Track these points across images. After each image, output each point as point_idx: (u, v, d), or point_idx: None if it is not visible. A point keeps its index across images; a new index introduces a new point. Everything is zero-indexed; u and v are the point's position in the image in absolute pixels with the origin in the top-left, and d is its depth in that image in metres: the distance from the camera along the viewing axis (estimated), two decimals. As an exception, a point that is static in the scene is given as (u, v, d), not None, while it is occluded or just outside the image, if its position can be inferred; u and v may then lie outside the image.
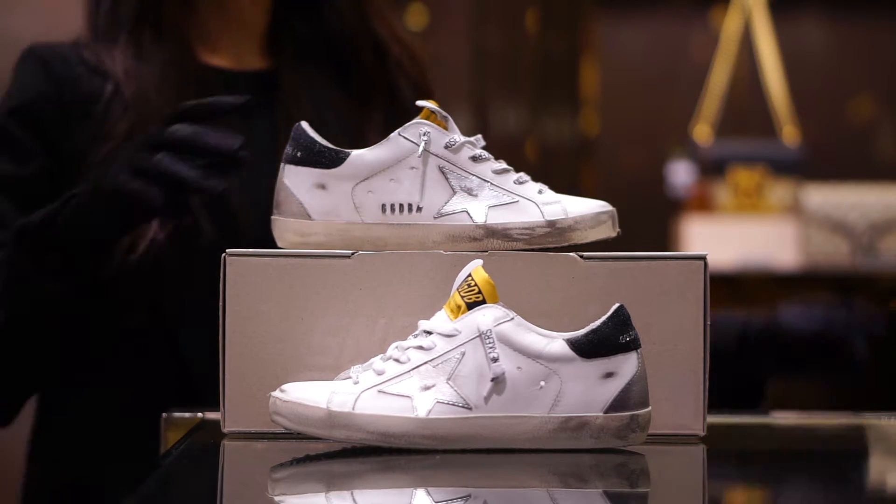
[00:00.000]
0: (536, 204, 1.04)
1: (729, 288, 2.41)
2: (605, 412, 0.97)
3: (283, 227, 1.05)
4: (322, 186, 1.04)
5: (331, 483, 0.93)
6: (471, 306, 0.97)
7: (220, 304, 1.04)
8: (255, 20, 1.41)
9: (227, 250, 1.05)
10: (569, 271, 1.04)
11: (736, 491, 0.98)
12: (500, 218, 1.03)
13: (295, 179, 1.05)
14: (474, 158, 1.04)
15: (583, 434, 0.97)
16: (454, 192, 1.04)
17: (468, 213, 1.03)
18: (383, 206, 1.04)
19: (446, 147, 1.04)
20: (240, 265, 1.04)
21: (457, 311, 0.97)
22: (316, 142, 1.05)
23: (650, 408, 0.99)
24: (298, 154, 1.05)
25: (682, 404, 1.04)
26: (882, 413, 1.24)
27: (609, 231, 1.05)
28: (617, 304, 0.98)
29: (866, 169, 2.96)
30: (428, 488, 0.90)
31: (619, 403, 0.97)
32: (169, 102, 1.28)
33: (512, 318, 0.96)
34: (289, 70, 1.41)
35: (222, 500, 0.90)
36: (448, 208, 1.04)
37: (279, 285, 1.04)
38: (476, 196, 1.04)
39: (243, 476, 0.98)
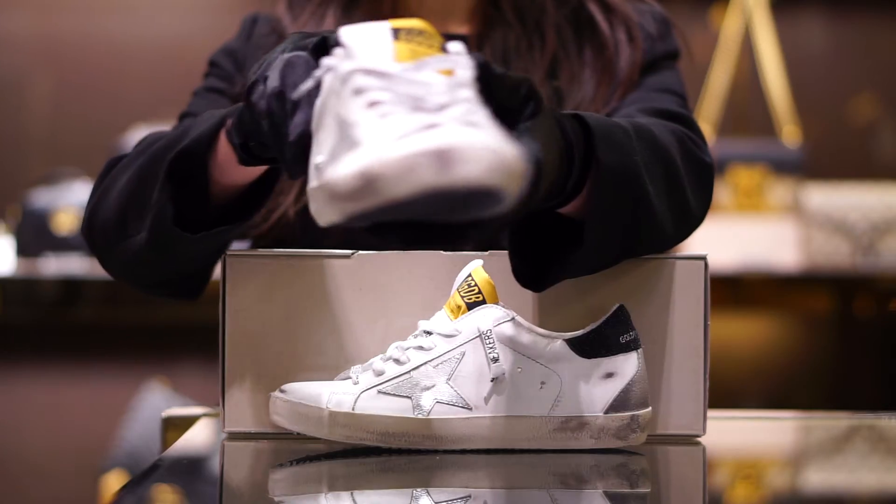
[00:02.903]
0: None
1: (729, 288, 2.40)
2: (606, 412, 0.97)
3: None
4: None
5: (331, 483, 0.93)
6: (471, 306, 0.97)
7: (220, 304, 1.04)
8: None
9: (228, 250, 1.05)
10: (569, 271, 1.04)
11: (736, 491, 0.98)
12: None
13: None
14: None
15: (583, 434, 0.97)
16: (332, 144, 0.85)
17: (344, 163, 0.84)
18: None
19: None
20: (240, 265, 1.04)
21: (457, 311, 0.97)
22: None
23: (650, 408, 0.99)
24: None
25: (682, 404, 1.04)
26: (882, 413, 1.24)
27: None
28: (617, 304, 0.98)
29: (867, 169, 2.96)
30: (428, 489, 0.90)
31: (619, 404, 0.97)
32: None
33: (512, 319, 0.96)
34: (486, 35, 1.33)
35: (222, 500, 0.90)
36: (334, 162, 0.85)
37: (279, 285, 1.04)
38: None
39: (243, 476, 0.98)
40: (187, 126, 1.09)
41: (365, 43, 0.85)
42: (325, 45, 0.91)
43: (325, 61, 0.87)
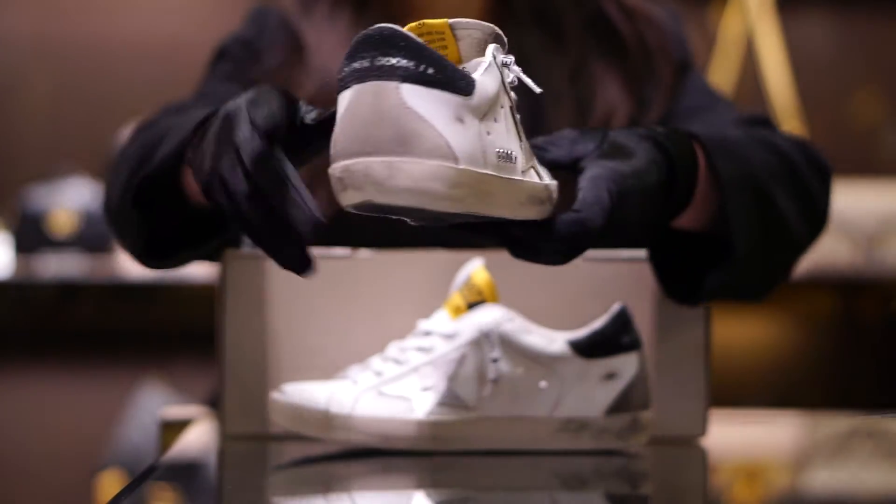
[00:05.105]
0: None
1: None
2: (607, 413, 0.96)
3: (424, 172, 0.75)
4: (460, 120, 0.77)
5: (330, 485, 0.93)
6: (471, 306, 0.96)
7: (221, 304, 1.04)
8: None
9: (228, 250, 1.04)
10: (569, 271, 1.04)
11: (737, 492, 0.97)
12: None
13: (429, 106, 0.75)
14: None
15: (584, 435, 0.96)
16: (521, 142, 0.82)
17: (535, 171, 0.83)
18: (498, 153, 0.79)
19: (510, 84, 0.82)
20: (240, 265, 1.04)
21: (457, 311, 0.97)
22: (444, 57, 0.76)
23: (651, 409, 0.99)
24: (429, 70, 0.76)
25: (683, 405, 1.04)
26: (885, 413, 1.23)
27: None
28: (618, 305, 0.97)
29: (872, 168, 2.95)
30: (427, 490, 0.90)
31: (620, 404, 0.96)
32: None
33: (512, 319, 0.96)
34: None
35: (222, 500, 0.90)
36: (526, 163, 0.82)
37: (279, 285, 1.04)
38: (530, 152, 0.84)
39: (243, 477, 0.98)
40: (173, 125, 1.05)
41: None
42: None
43: (496, 54, 0.81)
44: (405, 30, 0.78)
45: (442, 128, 0.75)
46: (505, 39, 0.82)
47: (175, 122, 1.05)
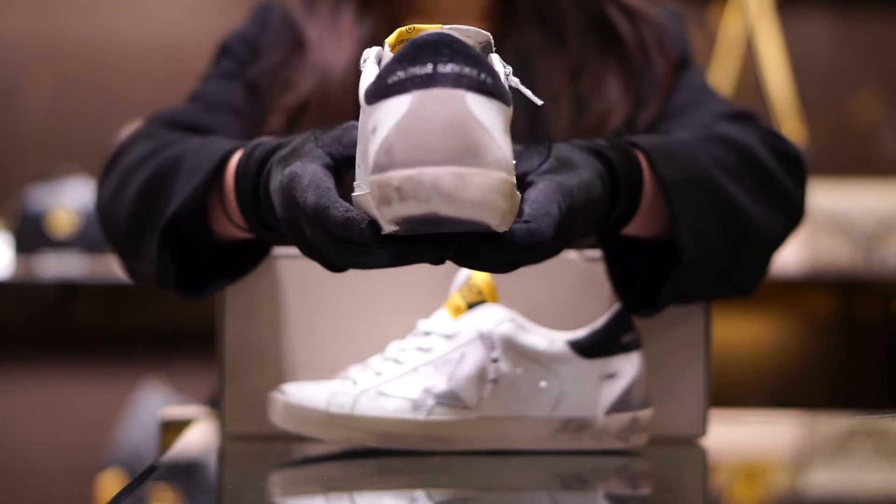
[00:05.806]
0: None
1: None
2: (607, 413, 0.96)
3: (490, 185, 0.72)
4: (506, 131, 0.74)
5: (330, 484, 0.93)
6: (471, 306, 0.96)
7: (221, 304, 1.04)
8: None
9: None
10: (569, 271, 1.04)
11: (737, 493, 0.97)
12: None
13: (489, 116, 0.73)
14: None
15: (584, 435, 0.96)
16: None
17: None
18: (515, 164, 0.80)
19: None
20: (239, 265, 1.04)
21: (457, 311, 0.97)
22: (495, 69, 0.74)
23: (651, 409, 0.99)
24: (488, 80, 0.73)
25: (683, 405, 1.04)
26: (885, 413, 1.23)
27: None
28: (618, 305, 0.97)
29: (872, 168, 2.95)
30: (428, 490, 0.90)
31: (620, 404, 0.96)
32: (348, 78, 1.27)
33: (512, 319, 0.96)
34: (504, 35, 1.30)
35: (222, 500, 0.90)
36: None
37: (279, 285, 1.04)
38: None
39: (243, 477, 0.98)
40: (186, 153, 1.04)
41: None
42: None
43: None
44: (398, 31, 0.78)
45: (499, 139, 0.72)
46: (494, 47, 0.79)
47: (191, 150, 1.04)
